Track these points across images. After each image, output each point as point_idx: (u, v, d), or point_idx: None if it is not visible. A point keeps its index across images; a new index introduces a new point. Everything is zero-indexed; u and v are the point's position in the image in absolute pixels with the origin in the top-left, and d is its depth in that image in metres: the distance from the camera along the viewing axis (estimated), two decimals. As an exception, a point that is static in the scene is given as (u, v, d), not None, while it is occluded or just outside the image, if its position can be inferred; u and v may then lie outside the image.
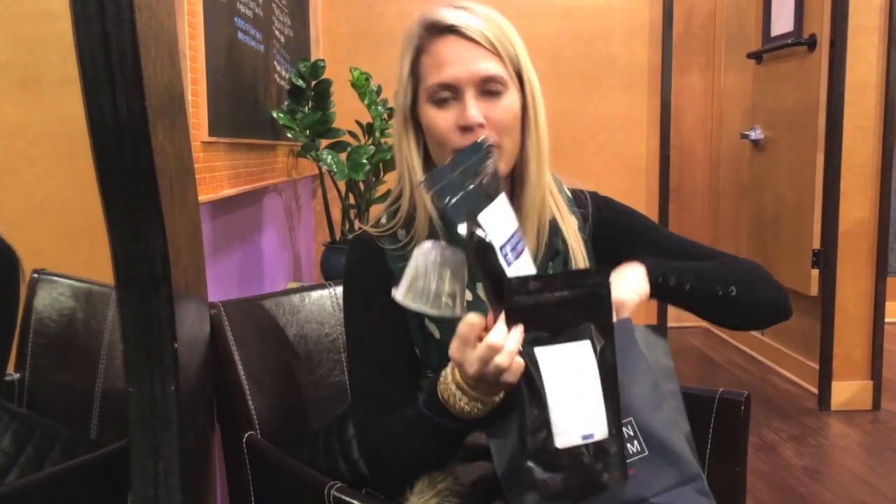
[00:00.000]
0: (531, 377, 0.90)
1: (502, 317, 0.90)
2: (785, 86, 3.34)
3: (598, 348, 0.92)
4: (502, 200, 0.94)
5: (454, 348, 0.93)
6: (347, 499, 1.04)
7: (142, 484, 0.94)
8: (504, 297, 0.89)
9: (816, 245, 3.28)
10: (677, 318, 3.63)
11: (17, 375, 1.13)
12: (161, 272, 0.91)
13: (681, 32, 4.26)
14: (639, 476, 0.95)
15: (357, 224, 2.34)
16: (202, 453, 1.14)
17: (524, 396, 0.89)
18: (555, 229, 1.15)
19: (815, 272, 3.32)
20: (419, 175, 1.10)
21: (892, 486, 2.62)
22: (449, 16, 1.06)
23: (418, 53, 1.08)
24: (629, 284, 1.06)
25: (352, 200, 2.34)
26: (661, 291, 1.09)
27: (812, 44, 3.17)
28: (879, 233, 3.27)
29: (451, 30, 1.06)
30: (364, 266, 1.13)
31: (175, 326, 0.93)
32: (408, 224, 1.12)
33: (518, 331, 0.89)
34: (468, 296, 1.02)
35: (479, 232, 0.89)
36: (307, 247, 2.88)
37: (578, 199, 1.22)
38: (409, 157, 1.11)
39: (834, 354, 3.32)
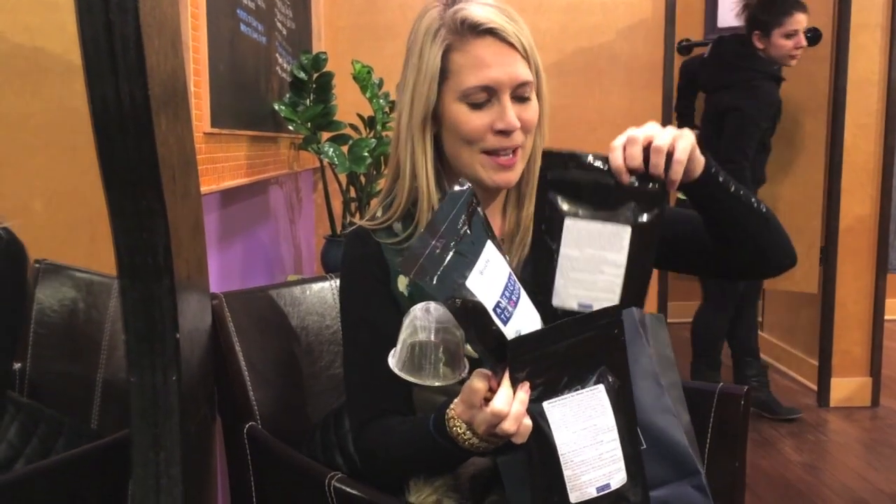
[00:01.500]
0: (542, 434, 0.87)
1: (506, 380, 0.87)
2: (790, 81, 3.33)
3: (614, 390, 0.90)
4: (490, 250, 0.90)
5: (461, 411, 0.92)
6: (348, 489, 1.04)
7: (143, 473, 0.95)
8: (507, 358, 0.86)
9: (818, 242, 3.28)
10: (678, 313, 3.63)
11: (18, 365, 1.13)
12: (163, 262, 0.91)
13: (683, 27, 4.23)
14: None
15: (357, 218, 2.34)
16: (203, 443, 1.15)
17: (535, 454, 0.87)
18: None
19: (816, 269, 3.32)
20: (431, 175, 1.10)
21: (889, 483, 2.62)
22: (483, 15, 1.06)
23: (448, 51, 1.07)
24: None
25: (353, 193, 2.34)
26: (711, 180, 1.03)
27: (814, 39, 3.16)
28: (880, 230, 3.27)
29: (490, 31, 1.05)
30: (361, 262, 1.13)
31: (177, 317, 0.93)
32: (405, 218, 1.12)
33: (523, 391, 0.87)
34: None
35: (469, 298, 0.85)
36: (308, 239, 2.88)
37: None
38: (424, 155, 1.10)
39: (833, 351, 3.32)
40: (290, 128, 2.13)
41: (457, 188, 0.92)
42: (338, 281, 1.46)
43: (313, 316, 1.41)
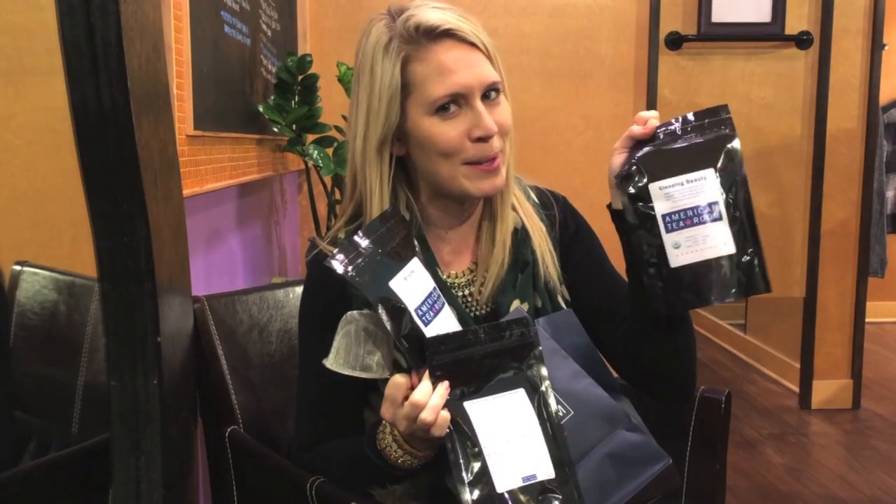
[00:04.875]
0: (463, 430, 0.90)
1: (426, 375, 0.91)
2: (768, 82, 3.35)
3: (535, 396, 0.93)
4: (415, 264, 0.97)
5: (385, 409, 0.93)
6: (330, 494, 1.04)
7: (123, 478, 0.94)
8: (426, 355, 0.91)
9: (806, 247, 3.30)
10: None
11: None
12: (145, 266, 0.91)
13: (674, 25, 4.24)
14: (572, 435, 0.97)
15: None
16: (184, 448, 1.14)
17: (458, 447, 0.90)
18: (523, 238, 1.12)
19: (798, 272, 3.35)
20: (387, 201, 1.06)
21: (870, 484, 2.65)
22: (437, 17, 1.00)
23: (406, 62, 1.00)
24: None
25: (338, 196, 2.33)
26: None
27: (802, 41, 3.17)
28: (861, 233, 3.30)
29: (448, 34, 1.00)
30: (323, 290, 1.08)
31: (158, 320, 0.93)
32: None
33: (443, 387, 0.90)
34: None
35: (391, 298, 0.92)
36: (292, 242, 2.87)
37: (544, 201, 1.18)
38: (380, 179, 1.05)
39: (815, 353, 3.34)
40: (275, 130, 2.13)
41: (388, 210, 1.01)
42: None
43: (296, 319, 1.41)
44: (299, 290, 1.44)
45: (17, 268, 1.12)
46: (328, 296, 1.07)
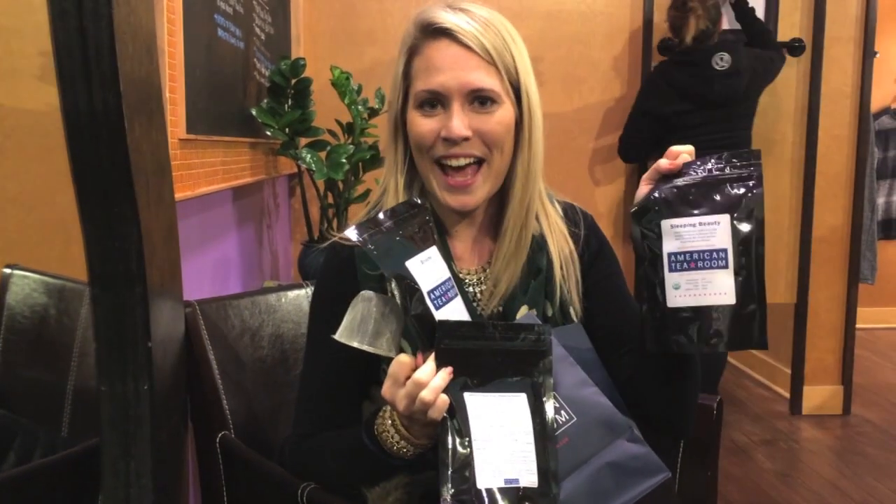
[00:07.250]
0: (458, 418, 0.91)
1: (432, 356, 0.91)
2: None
3: (536, 404, 0.93)
4: (433, 252, 0.98)
5: (386, 387, 0.93)
6: (321, 500, 1.03)
7: (113, 483, 0.94)
8: (436, 337, 0.91)
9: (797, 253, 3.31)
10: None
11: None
12: (135, 269, 0.91)
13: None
14: (573, 442, 0.97)
15: (334, 225, 2.33)
16: (175, 453, 1.14)
17: (449, 433, 0.90)
18: (539, 246, 1.10)
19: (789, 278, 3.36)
20: (401, 185, 1.09)
21: (860, 490, 2.65)
22: (444, 17, 1.01)
23: (411, 55, 1.04)
24: None
25: (330, 200, 2.33)
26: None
27: (794, 48, 3.18)
28: (852, 240, 3.31)
29: (445, 33, 1.01)
30: (337, 280, 1.10)
31: (149, 325, 0.93)
32: None
33: (446, 371, 0.90)
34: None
35: (405, 276, 0.93)
36: (284, 246, 2.87)
37: (572, 217, 1.17)
38: (396, 163, 1.09)
39: (806, 359, 3.36)
40: (268, 133, 2.12)
41: (414, 199, 1.03)
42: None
43: (288, 324, 1.41)
44: (291, 294, 1.44)
45: (7, 271, 1.12)
46: (343, 284, 1.07)
